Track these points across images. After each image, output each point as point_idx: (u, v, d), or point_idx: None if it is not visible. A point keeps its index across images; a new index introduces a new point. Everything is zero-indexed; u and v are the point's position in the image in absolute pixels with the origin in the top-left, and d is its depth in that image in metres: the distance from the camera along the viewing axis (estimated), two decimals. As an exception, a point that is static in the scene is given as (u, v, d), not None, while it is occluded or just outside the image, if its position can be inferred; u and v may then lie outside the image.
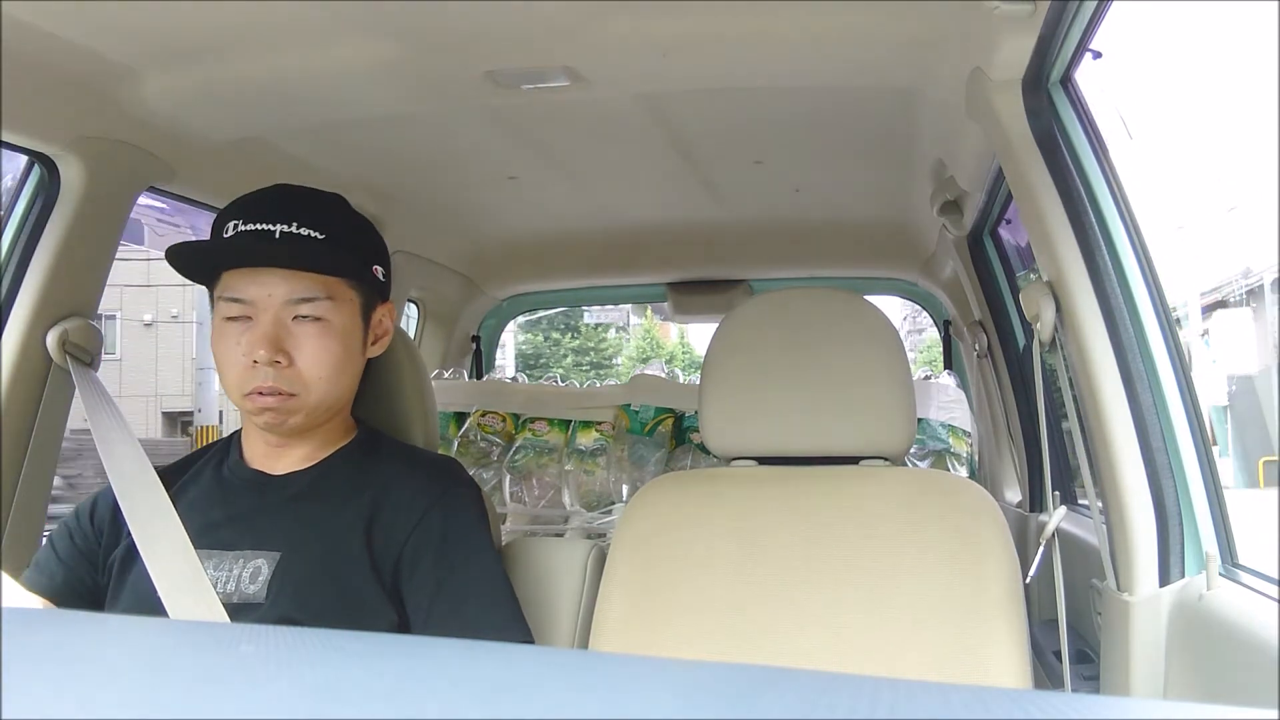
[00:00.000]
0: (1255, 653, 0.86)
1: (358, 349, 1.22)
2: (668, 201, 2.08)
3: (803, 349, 1.34)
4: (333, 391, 1.19)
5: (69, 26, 1.16)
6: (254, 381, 1.14)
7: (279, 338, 1.14)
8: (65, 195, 1.35)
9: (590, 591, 1.35)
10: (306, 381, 1.15)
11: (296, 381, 1.15)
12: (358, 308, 1.21)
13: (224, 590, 1.12)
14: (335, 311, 1.17)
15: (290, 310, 1.15)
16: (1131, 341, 1.09)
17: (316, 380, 1.16)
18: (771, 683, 0.36)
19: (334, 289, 1.17)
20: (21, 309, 1.33)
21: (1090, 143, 1.18)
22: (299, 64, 1.31)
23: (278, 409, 1.15)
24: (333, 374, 1.17)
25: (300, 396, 1.15)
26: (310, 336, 1.15)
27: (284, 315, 1.15)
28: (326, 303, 1.16)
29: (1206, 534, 1.06)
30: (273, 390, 1.14)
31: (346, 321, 1.19)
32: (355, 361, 1.22)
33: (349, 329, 1.19)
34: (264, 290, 1.15)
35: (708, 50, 1.31)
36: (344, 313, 1.18)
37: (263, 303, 1.15)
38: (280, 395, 1.14)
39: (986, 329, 2.06)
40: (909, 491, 1.29)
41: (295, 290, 1.15)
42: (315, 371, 1.16)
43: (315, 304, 1.16)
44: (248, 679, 0.37)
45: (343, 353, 1.18)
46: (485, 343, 2.88)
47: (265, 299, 1.15)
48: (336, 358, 1.17)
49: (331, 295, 1.17)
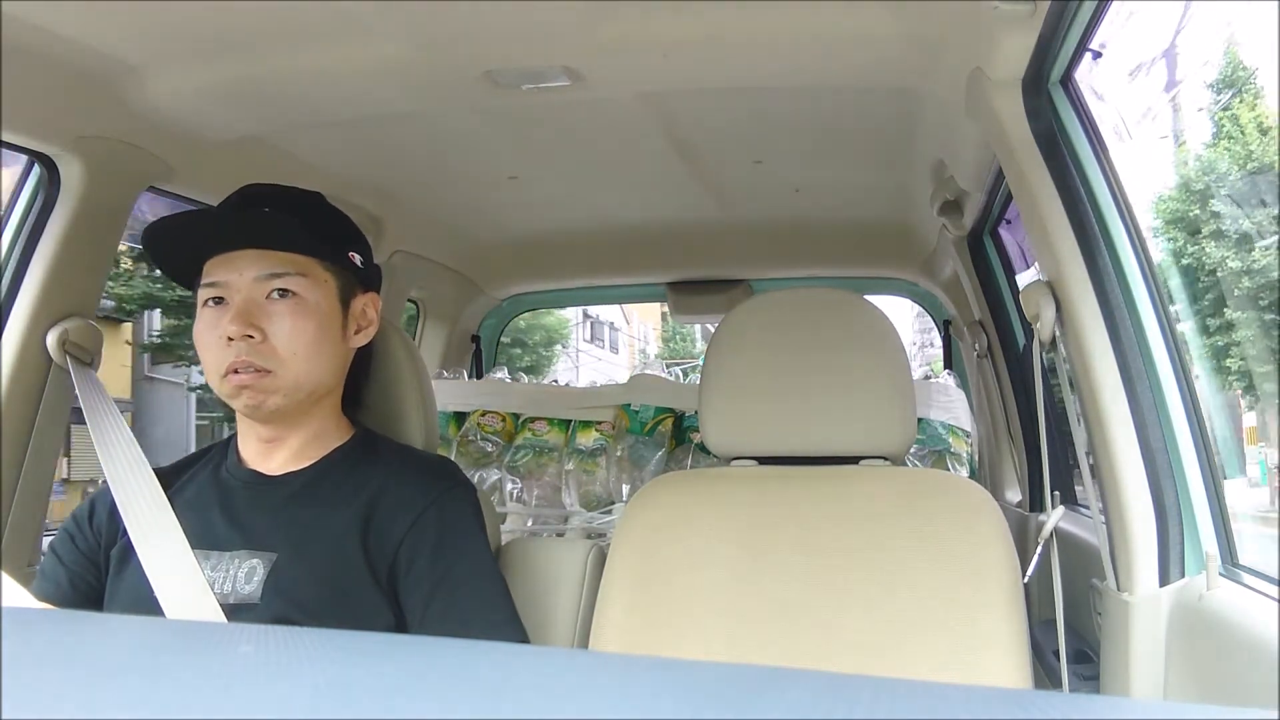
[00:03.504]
0: (1255, 653, 0.86)
1: (336, 332, 1.21)
2: (668, 201, 2.08)
3: (803, 349, 1.34)
4: (310, 371, 1.18)
5: (69, 26, 1.16)
6: (229, 359, 1.14)
7: (251, 314, 1.15)
8: (65, 195, 1.35)
9: (590, 591, 1.35)
10: (281, 357, 1.16)
11: (271, 357, 1.15)
12: (334, 290, 1.21)
13: (220, 590, 1.12)
14: (309, 289, 1.18)
15: (263, 288, 1.16)
16: (1131, 341, 1.09)
17: (291, 355, 1.16)
18: (771, 683, 0.36)
19: (306, 267, 1.18)
20: (21, 309, 1.33)
21: (1090, 143, 1.18)
22: (299, 64, 1.31)
23: (254, 386, 1.15)
24: (307, 350, 1.17)
25: (276, 374, 1.15)
26: (283, 313, 1.16)
27: (256, 294, 1.16)
28: (298, 279, 1.17)
29: (1206, 534, 1.06)
30: (248, 365, 1.14)
31: (321, 301, 1.19)
32: (334, 345, 1.21)
33: (325, 310, 1.19)
34: (235, 271, 1.17)
35: (708, 50, 1.31)
36: (319, 292, 1.19)
37: (235, 283, 1.16)
38: (255, 371, 1.14)
39: (986, 329, 2.06)
40: (909, 491, 1.29)
41: (266, 267, 1.16)
42: (289, 346, 1.16)
43: (287, 279, 1.17)
44: (247, 679, 0.37)
45: (317, 330, 1.18)
46: (485, 343, 2.88)
47: (237, 279, 1.16)
48: (310, 334, 1.17)
49: (304, 273, 1.18)
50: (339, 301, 1.22)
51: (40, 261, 1.34)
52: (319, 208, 1.26)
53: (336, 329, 1.21)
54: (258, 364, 1.14)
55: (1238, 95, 7.32)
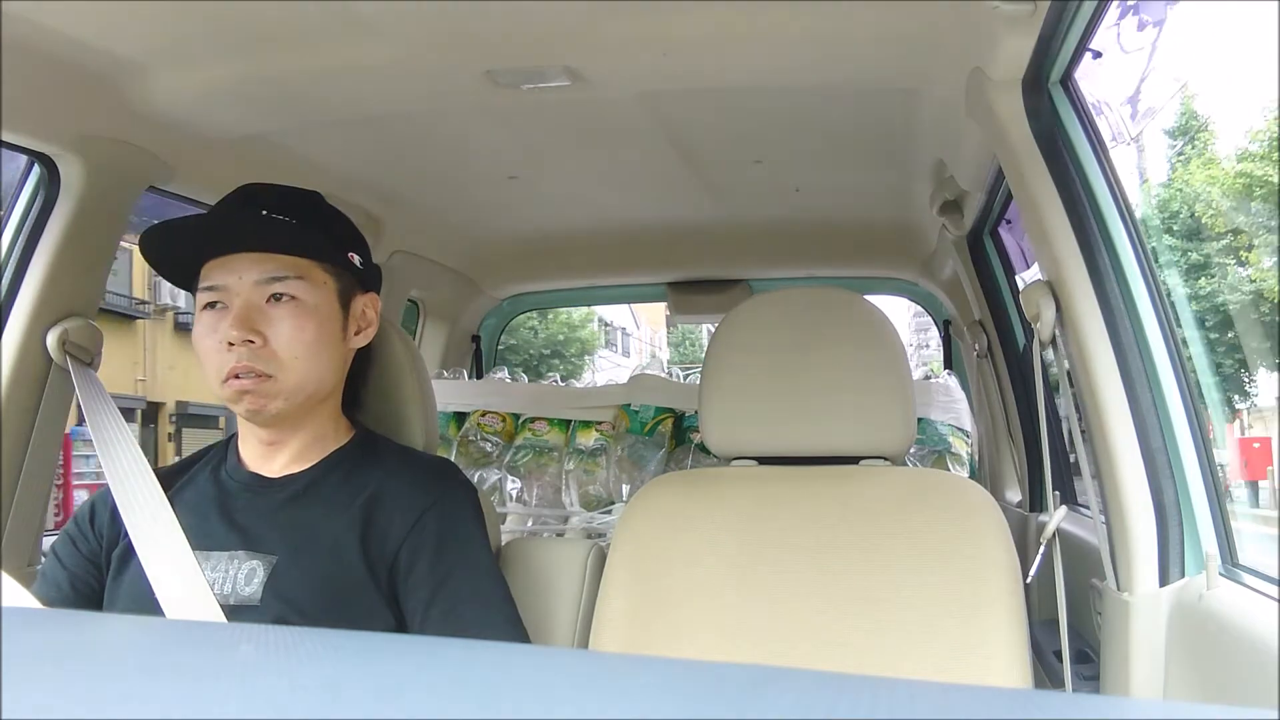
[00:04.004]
0: (1255, 653, 0.86)
1: (336, 334, 1.21)
2: (668, 201, 2.08)
3: (803, 349, 1.34)
4: (311, 374, 1.18)
5: (69, 26, 1.16)
6: (230, 363, 1.14)
7: (251, 318, 1.14)
8: (65, 195, 1.35)
9: (590, 591, 1.35)
10: (282, 361, 1.15)
11: (272, 361, 1.15)
12: (334, 292, 1.20)
13: (220, 592, 1.12)
14: (308, 291, 1.17)
15: (262, 291, 1.16)
16: (1131, 341, 1.09)
17: (292, 359, 1.16)
18: (771, 683, 0.36)
19: (305, 270, 1.18)
20: (21, 309, 1.33)
21: (1090, 143, 1.18)
22: (299, 64, 1.31)
23: (255, 391, 1.14)
24: (308, 354, 1.17)
25: (277, 378, 1.15)
26: (283, 316, 1.16)
27: (256, 297, 1.16)
28: (298, 282, 1.17)
29: (1206, 534, 1.06)
30: (248, 370, 1.14)
31: (321, 303, 1.18)
32: (335, 347, 1.21)
33: (325, 312, 1.19)
34: (234, 274, 1.16)
35: (708, 50, 1.31)
36: (318, 294, 1.18)
37: (235, 287, 1.16)
38: (256, 376, 1.14)
39: (986, 329, 2.06)
40: (909, 491, 1.29)
41: (265, 270, 1.16)
42: (290, 350, 1.15)
43: (286, 283, 1.16)
44: (247, 679, 0.37)
45: (318, 333, 1.18)
46: (485, 343, 2.88)
47: (236, 283, 1.16)
48: (311, 336, 1.17)
49: (303, 275, 1.17)
50: (339, 303, 1.21)
51: (40, 261, 1.34)
52: (317, 208, 1.25)
53: (337, 331, 1.21)
54: (258, 369, 1.14)
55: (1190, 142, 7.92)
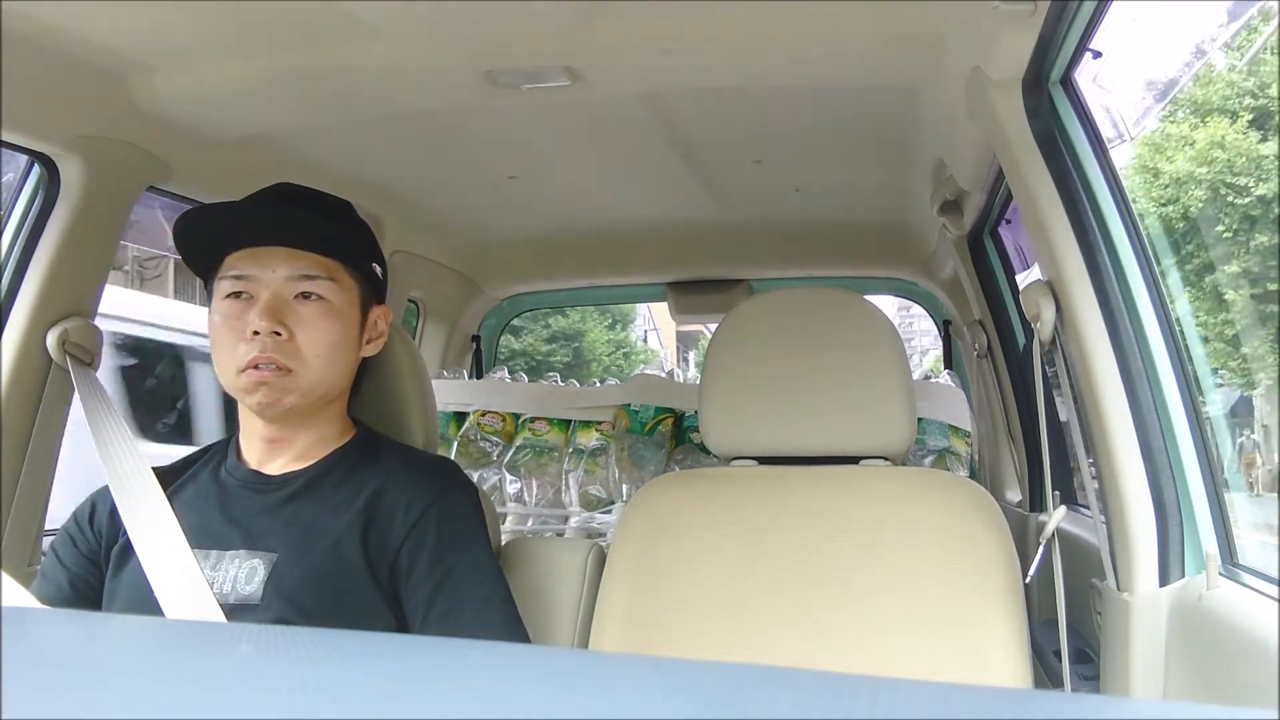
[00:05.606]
0: (1255, 653, 0.86)
1: (354, 339, 1.23)
2: (668, 201, 2.08)
3: (803, 349, 1.34)
4: (327, 374, 1.19)
5: (69, 26, 1.16)
6: (251, 353, 1.14)
7: (280, 311, 1.15)
8: (65, 195, 1.35)
9: (590, 591, 1.35)
10: (304, 357, 1.16)
11: (295, 356, 1.16)
12: (357, 298, 1.22)
13: (220, 590, 1.12)
14: (336, 294, 1.19)
15: (292, 287, 1.17)
16: (1131, 341, 1.09)
17: (313, 357, 1.17)
18: (771, 683, 0.36)
19: (336, 272, 1.19)
20: (21, 309, 1.33)
21: (1090, 143, 1.18)
22: (299, 64, 1.31)
23: (272, 384, 1.15)
24: (329, 353, 1.18)
25: (296, 373, 1.16)
26: (311, 314, 1.17)
27: (286, 292, 1.17)
28: (328, 283, 1.18)
29: (1206, 534, 1.06)
30: (270, 362, 1.14)
31: (345, 307, 1.20)
32: (351, 351, 1.23)
33: (348, 316, 1.21)
34: (267, 267, 1.17)
35: (708, 50, 1.31)
36: (344, 298, 1.20)
37: (265, 279, 1.16)
38: (277, 369, 1.15)
39: (986, 329, 2.06)
40: (909, 491, 1.29)
41: (298, 267, 1.17)
42: (313, 349, 1.16)
43: (317, 282, 1.18)
44: (247, 679, 0.37)
45: (341, 336, 1.19)
46: (485, 343, 2.88)
47: (269, 275, 1.16)
48: (335, 337, 1.18)
49: (333, 277, 1.19)
50: (360, 310, 1.23)
51: (40, 261, 1.34)
52: (350, 215, 1.28)
53: (355, 336, 1.23)
54: (280, 361, 1.15)
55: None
